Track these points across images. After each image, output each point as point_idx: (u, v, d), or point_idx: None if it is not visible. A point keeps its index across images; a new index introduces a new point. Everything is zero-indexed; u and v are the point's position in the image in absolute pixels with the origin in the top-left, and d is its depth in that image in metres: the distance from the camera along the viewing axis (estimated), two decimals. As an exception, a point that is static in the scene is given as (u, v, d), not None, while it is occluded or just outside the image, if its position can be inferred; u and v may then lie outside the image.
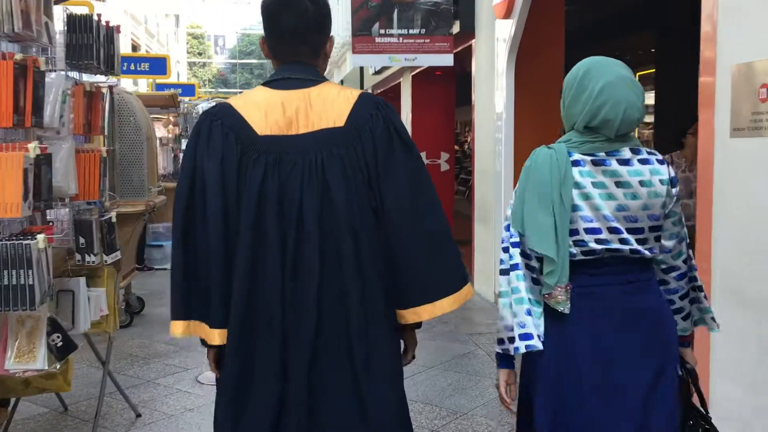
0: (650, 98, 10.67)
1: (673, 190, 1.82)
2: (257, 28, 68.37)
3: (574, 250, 1.76)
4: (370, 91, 15.48)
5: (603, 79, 1.76)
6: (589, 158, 1.78)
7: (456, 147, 13.98)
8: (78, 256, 3.45)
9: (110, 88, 5.56)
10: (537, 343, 1.75)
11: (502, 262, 1.86)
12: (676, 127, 4.79)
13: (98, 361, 3.83)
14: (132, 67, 9.15)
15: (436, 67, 10.64)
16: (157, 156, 6.24)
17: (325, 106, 1.74)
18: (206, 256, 1.73)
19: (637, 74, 11.50)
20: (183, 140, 8.76)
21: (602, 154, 1.78)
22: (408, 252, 1.73)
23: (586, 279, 1.79)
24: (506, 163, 6.39)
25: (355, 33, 6.89)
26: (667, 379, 1.80)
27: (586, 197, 1.76)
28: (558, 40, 6.59)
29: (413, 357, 1.92)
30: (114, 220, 3.69)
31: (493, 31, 6.60)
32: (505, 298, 1.82)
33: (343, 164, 1.71)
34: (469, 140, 20.80)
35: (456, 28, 7.19)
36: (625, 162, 1.78)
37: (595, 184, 1.76)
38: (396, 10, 6.91)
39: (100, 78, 3.99)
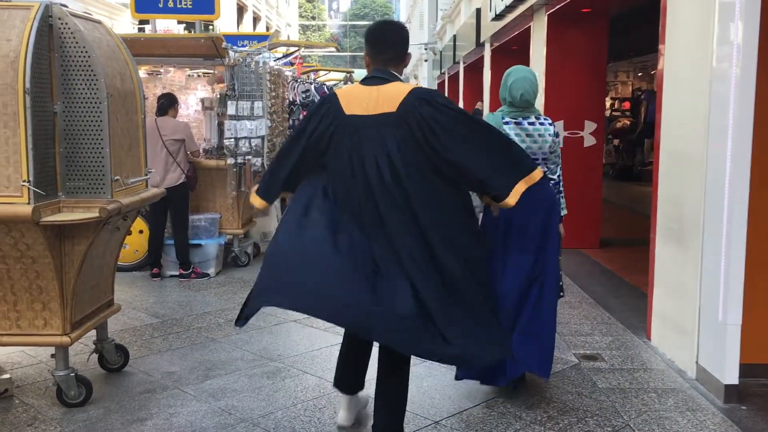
0: None
1: (557, 139, 3.70)
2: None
3: None
4: (489, 43, 12.59)
5: (515, 76, 3.62)
6: (513, 121, 3.61)
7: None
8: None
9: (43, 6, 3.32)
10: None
11: None
12: None
13: None
14: (170, 4, 6.80)
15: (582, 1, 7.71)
16: (140, 127, 3.85)
17: (387, 97, 2.86)
18: (282, 168, 3.07)
19: None
20: (230, 102, 6.35)
21: (520, 119, 3.62)
22: (476, 160, 2.81)
23: None
24: (737, 144, 3.55)
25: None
26: (554, 226, 3.60)
27: None
28: None
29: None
30: None
31: None
32: None
33: (394, 135, 2.81)
34: (614, 106, 17.08)
35: None
36: (531, 124, 3.62)
37: (516, 135, 3.57)
38: None
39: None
